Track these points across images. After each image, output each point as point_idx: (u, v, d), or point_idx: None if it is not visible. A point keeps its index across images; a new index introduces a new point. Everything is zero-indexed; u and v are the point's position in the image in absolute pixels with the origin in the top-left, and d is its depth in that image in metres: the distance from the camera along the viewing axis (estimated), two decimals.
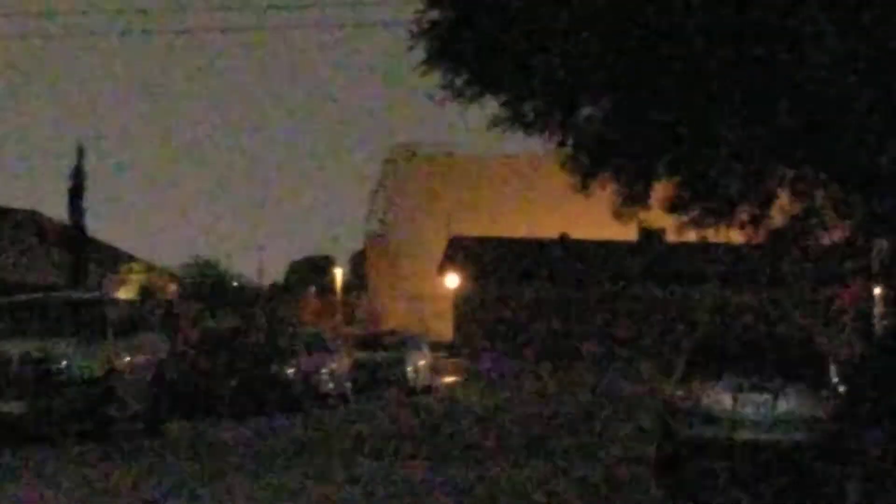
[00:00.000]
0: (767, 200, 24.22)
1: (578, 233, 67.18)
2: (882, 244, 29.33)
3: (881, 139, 20.19)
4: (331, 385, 38.62)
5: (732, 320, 58.33)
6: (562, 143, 22.12)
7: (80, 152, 38.78)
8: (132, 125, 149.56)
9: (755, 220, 24.72)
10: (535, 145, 23.25)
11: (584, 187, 23.02)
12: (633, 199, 23.22)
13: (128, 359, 25.22)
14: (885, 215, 25.25)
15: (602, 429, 28.37)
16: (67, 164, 40.17)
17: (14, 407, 22.91)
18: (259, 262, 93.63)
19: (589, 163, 22.34)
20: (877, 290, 34.74)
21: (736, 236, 26.46)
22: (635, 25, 18.72)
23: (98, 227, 43.08)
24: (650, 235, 53.23)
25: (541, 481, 19.03)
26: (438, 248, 77.73)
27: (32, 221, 47.85)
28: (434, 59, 20.41)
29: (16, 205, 48.49)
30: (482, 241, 75.31)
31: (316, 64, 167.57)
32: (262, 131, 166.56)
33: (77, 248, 39.38)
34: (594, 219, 30.37)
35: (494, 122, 21.37)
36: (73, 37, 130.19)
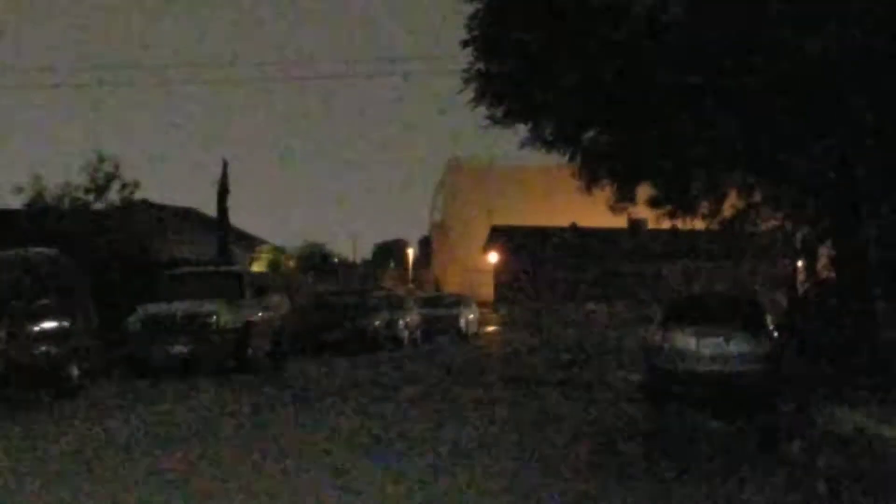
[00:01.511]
0: (720, 199, 24.51)
1: (584, 222, 66.70)
2: (803, 230, 29.39)
3: (800, 154, 20.31)
4: (405, 333, 38.67)
5: (696, 286, 58.14)
6: (572, 158, 22.30)
7: (225, 165, 38.96)
8: (265, 144, 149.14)
9: (712, 213, 25.06)
10: (553, 160, 23.41)
11: (588, 190, 23.29)
12: (623, 198, 23.58)
13: (259, 314, 25.45)
14: (805, 209, 25.38)
15: (604, 364, 28.45)
16: (216, 172, 40.36)
17: (180, 349, 23.33)
18: (353, 243, 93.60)
19: (591, 173, 22.62)
20: (799, 263, 34.81)
21: (698, 224, 26.66)
22: (623, 84, 18.87)
23: (238, 218, 43.28)
24: (636, 224, 52.75)
25: (556, 403, 19.22)
26: (482, 234, 77.35)
27: (191, 215, 48.11)
28: (479, 97, 20.54)
29: (180, 203, 48.80)
30: (515, 229, 74.89)
31: (400, 102, 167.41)
32: (358, 151, 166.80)
33: (223, 234, 39.50)
34: (596, 212, 30.29)
35: (523, 143, 21.55)
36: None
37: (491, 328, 56.93)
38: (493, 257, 74.97)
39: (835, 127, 18.06)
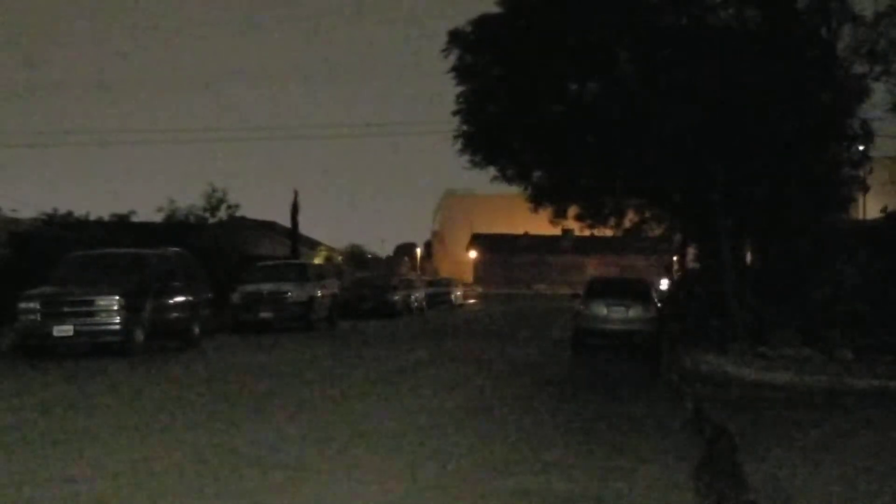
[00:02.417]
0: (622, 215, 24.52)
1: (533, 231, 66.81)
2: (678, 237, 29.47)
3: (674, 189, 20.44)
4: (415, 304, 38.76)
5: (607, 273, 58.04)
6: (525, 189, 22.27)
7: (296, 193, 38.89)
8: (326, 175, 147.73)
9: (617, 224, 25.00)
10: (513, 190, 23.41)
11: (535, 210, 23.25)
12: (558, 215, 23.48)
13: (319, 292, 25.37)
14: (678, 223, 25.49)
15: (546, 325, 28.58)
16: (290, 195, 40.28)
17: (266, 315, 23.32)
18: (381, 244, 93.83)
19: (537, 199, 22.61)
20: (675, 258, 34.94)
21: (608, 232, 26.67)
22: (556, 143, 19.06)
23: (304, 227, 43.34)
24: (567, 232, 52.80)
25: (517, 351, 19.32)
26: (466, 239, 77.77)
27: (274, 226, 47.82)
28: (464, 149, 20.46)
29: (263, 218, 48.65)
30: (487, 236, 75.26)
31: (416, 149, 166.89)
32: (385, 181, 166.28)
33: (294, 239, 39.42)
34: (541, 224, 30.26)
35: (493, 179, 21.45)
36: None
37: (471, 301, 56.96)
38: (472, 254, 75.39)
39: (696, 174, 18.15)
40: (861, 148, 19.32)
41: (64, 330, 14.92)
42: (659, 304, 19.80)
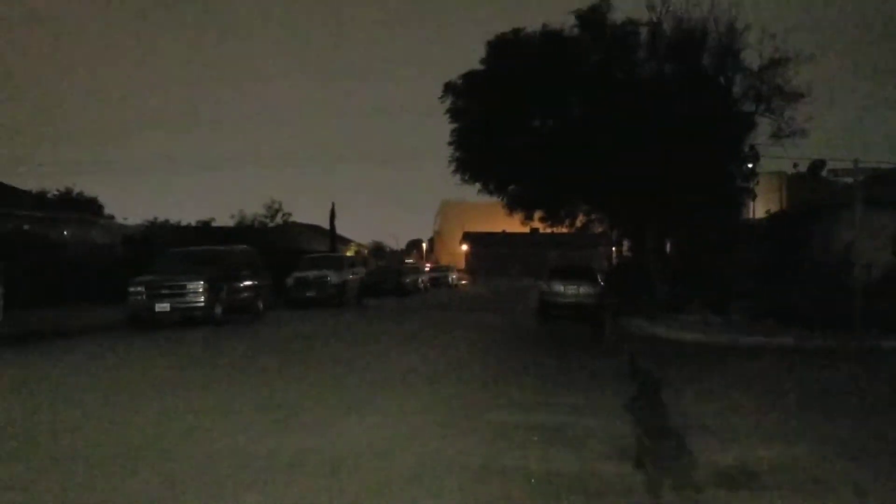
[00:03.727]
0: (575, 217, 24.43)
1: (510, 230, 66.65)
2: (616, 232, 29.44)
3: (613, 198, 20.40)
4: (421, 285, 38.62)
5: (565, 259, 58.04)
6: (502, 199, 22.27)
7: (333, 205, 38.82)
8: (358, 187, 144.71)
9: (571, 224, 24.87)
10: (493, 199, 23.30)
11: (510, 214, 23.14)
12: (527, 218, 23.34)
13: (350, 277, 25.13)
14: (616, 223, 25.44)
15: (518, 300, 28.55)
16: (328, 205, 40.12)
17: (311, 294, 23.03)
18: (396, 240, 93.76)
19: (511, 206, 22.56)
20: (614, 249, 34.95)
21: (565, 230, 26.58)
22: (525, 165, 19.05)
23: (339, 228, 43.26)
24: (534, 231, 53.28)
25: (497, 319, 19.26)
26: (459, 235, 77.54)
27: (316, 228, 47.70)
28: (456, 170, 20.45)
29: (309, 222, 48.54)
30: (475, 233, 74.96)
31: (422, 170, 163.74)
32: (400, 193, 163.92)
33: (332, 238, 39.34)
34: (514, 225, 30.25)
35: (479, 191, 21.29)
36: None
37: (463, 282, 56.85)
38: (464, 247, 75.13)
39: (627, 186, 18.18)
40: (750, 166, 19.44)
41: (163, 307, 14.93)
42: (602, 284, 19.80)
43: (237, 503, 3.91)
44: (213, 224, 31.93)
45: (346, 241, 55.46)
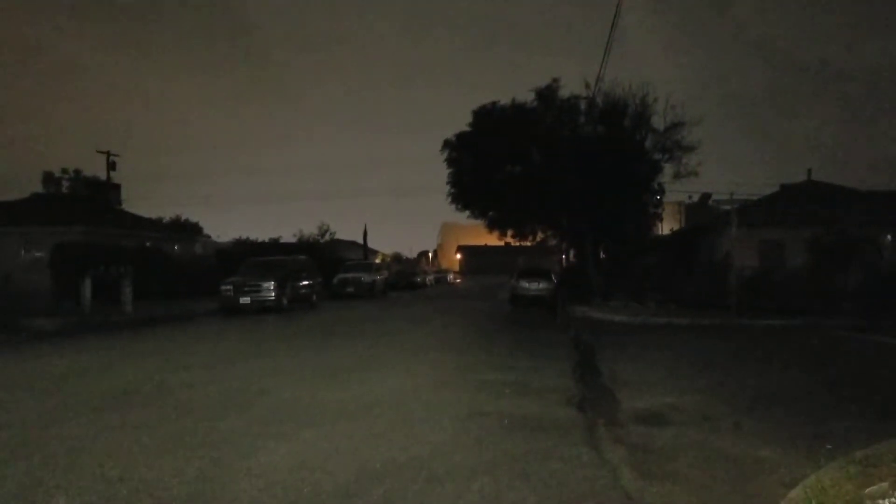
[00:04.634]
0: (535, 233, 24.17)
1: (491, 243, 66.17)
2: (564, 244, 29.20)
3: (562, 220, 20.31)
4: (429, 283, 38.29)
5: (529, 263, 57.59)
6: (485, 221, 22.14)
7: (365, 227, 38.57)
8: (385, 214, 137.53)
9: (533, 238, 24.56)
10: (479, 222, 22.91)
11: (490, 232, 22.90)
12: (503, 235, 22.94)
13: (379, 277, 24.84)
14: (565, 237, 25.28)
15: (496, 293, 28.39)
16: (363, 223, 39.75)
17: (350, 290, 22.45)
18: (410, 250, 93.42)
19: (491, 226, 22.31)
20: (563, 256, 34.80)
21: (529, 243, 26.36)
22: (500, 199, 18.93)
23: (370, 242, 42.81)
24: (508, 244, 52.73)
25: (482, 304, 19.13)
26: (455, 247, 77.22)
27: (353, 243, 47.23)
28: (453, 201, 20.37)
29: (349, 238, 48.19)
30: (468, 246, 74.69)
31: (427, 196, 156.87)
32: (411, 217, 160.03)
33: (364, 250, 38.98)
34: (494, 240, 30.06)
35: (468, 217, 21.09)
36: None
37: (458, 281, 56.55)
38: (458, 256, 74.83)
39: (573, 212, 18.11)
40: (658, 198, 19.51)
41: (245, 300, 14.76)
42: (556, 281, 19.70)
43: (298, 437, 3.95)
44: (281, 241, 31.82)
45: (374, 252, 55.15)
